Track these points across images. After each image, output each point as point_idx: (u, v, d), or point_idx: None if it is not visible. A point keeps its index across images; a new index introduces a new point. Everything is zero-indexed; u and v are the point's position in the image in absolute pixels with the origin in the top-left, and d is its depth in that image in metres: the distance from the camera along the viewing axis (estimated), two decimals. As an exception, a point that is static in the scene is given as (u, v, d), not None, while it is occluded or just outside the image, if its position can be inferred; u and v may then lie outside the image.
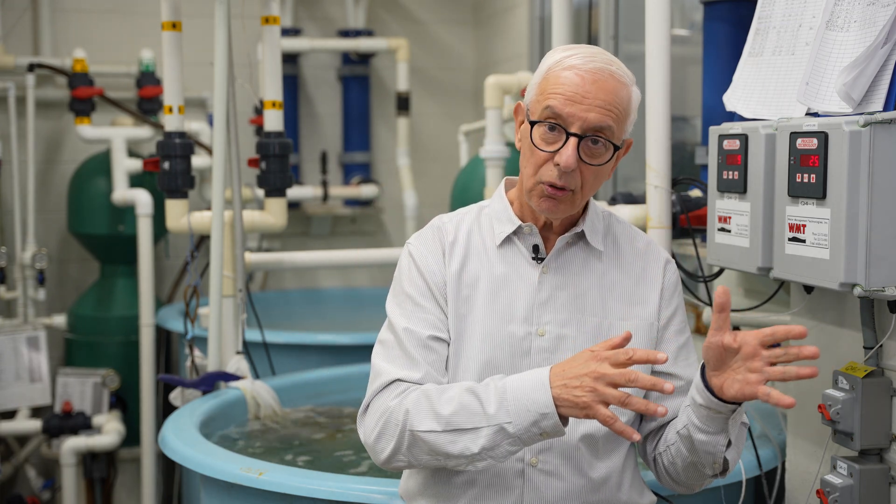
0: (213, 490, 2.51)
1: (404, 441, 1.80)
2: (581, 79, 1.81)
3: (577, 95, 1.80)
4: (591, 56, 1.84)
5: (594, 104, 1.80)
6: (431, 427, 1.77)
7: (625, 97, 1.84)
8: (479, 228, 1.98)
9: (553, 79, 1.83)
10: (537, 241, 1.93)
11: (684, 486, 1.97)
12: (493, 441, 1.74)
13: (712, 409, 1.76)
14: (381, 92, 5.71)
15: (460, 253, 1.94)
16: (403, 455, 1.82)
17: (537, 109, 1.85)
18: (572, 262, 1.94)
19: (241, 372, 3.18)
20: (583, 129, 1.81)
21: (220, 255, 3.16)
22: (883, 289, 1.86)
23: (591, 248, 1.95)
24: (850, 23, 2.02)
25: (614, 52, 4.21)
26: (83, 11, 5.18)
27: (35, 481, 4.75)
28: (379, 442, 1.84)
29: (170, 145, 3.23)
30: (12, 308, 4.76)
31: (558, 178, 1.82)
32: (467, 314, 1.91)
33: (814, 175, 1.93)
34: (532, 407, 1.71)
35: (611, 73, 1.83)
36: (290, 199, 4.47)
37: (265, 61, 3.26)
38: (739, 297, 3.11)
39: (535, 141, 1.84)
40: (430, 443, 1.78)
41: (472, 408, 1.76)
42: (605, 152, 1.84)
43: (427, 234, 1.98)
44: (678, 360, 1.97)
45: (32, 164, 4.86)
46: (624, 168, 4.23)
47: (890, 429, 1.99)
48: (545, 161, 1.84)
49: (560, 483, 1.88)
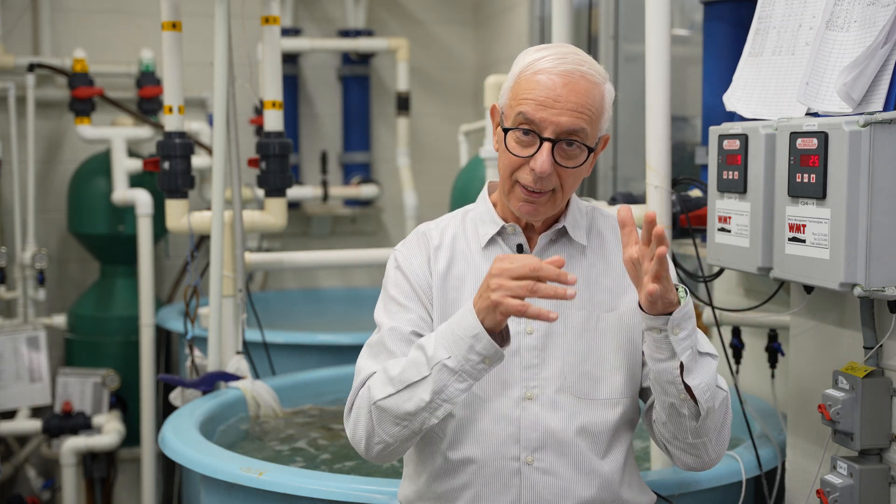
0: (213, 490, 2.51)
1: (373, 418, 1.82)
2: (552, 82, 1.81)
3: (548, 100, 1.81)
4: (562, 57, 1.84)
5: (566, 108, 1.81)
6: (387, 391, 1.79)
7: (597, 97, 1.84)
8: (463, 232, 1.99)
9: (524, 83, 1.84)
10: (521, 240, 1.94)
11: (682, 447, 1.89)
12: (439, 382, 1.74)
13: (652, 329, 1.76)
14: (381, 92, 5.71)
15: (446, 256, 1.95)
16: (378, 436, 1.82)
17: (510, 115, 1.86)
18: None
19: (241, 372, 3.18)
20: (556, 134, 1.81)
21: (220, 255, 3.17)
22: (883, 289, 1.86)
23: (574, 244, 1.96)
24: (850, 23, 2.02)
25: (614, 52, 4.21)
26: (83, 11, 5.18)
27: (35, 481, 4.75)
28: (356, 431, 1.86)
29: (170, 145, 3.23)
30: (12, 308, 4.76)
31: (534, 182, 1.83)
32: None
33: (814, 175, 1.93)
34: (462, 333, 1.72)
35: (582, 75, 1.83)
36: (290, 199, 4.46)
37: (265, 61, 3.26)
38: (739, 297, 3.11)
39: (510, 146, 1.85)
40: (390, 408, 1.78)
41: (417, 359, 1.77)
42: (580, 154, 1.85)
43: (412, 240, 2.00)
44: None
45: (32, 164, 4.86)
46: (624, 168, 4.23)
47: (890, 429, 1.99)
48: (521, 165, 1.85)
49: (557, 481, 1.87)
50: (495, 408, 1.88)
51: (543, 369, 1.88)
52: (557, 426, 1.87)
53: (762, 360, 2.85)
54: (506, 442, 1.87)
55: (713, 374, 1.81)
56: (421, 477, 1.95)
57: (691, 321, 1.76)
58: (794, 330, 2.31)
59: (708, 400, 1.79)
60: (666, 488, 2.27)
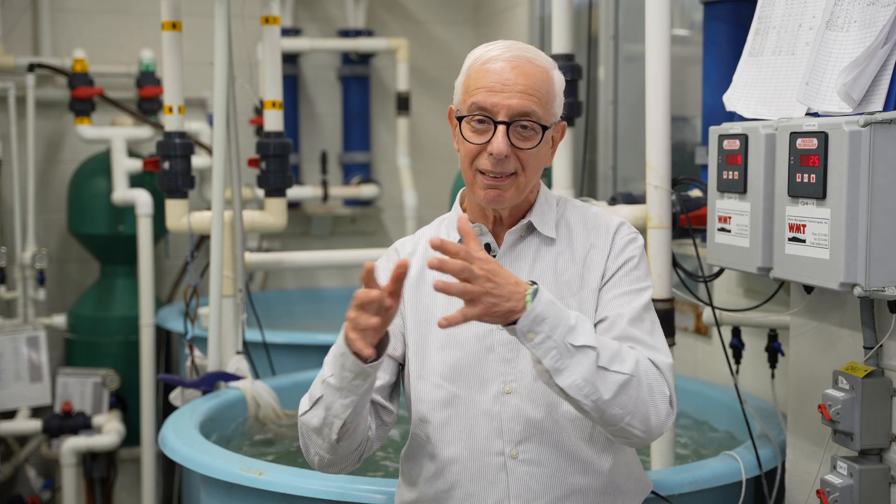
0: (213, 490, 2.51)
1: (302, 433, 1.91)
2: (500, 68, 1.87)
3: (497, 85, 1.86)
4: (508, 47, 1.90)
5: (515, 90, 1.85)
6: (304, 408, 1.88)
7: (545, 80, 1.89)
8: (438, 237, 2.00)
9: (475, 75, 1.89)
10: (488, 239, 1.96)
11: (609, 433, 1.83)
12: (328, 399, 1.81)
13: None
14: (381, 92, 5.71)
15: (418, 262, 2.00)
16: (312, 450, 1.90)
17: (464, 108, 1.91)
18: (525, 254, 1.96)
19: (241, 372, 3.18)
20: (509, 116, 1.85)
21: (220, 255, 3.16)
22: (883, 289, 1.86)
23: (543, 237, 1.97)
24: (850, 23, 2.02)
25: (614, 52, 4.22)
26: (83, 11, 5.18)
27: (35, 481, 4.75)
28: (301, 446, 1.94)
29: (170, 145, 3.23)
30: (12, 308, 4.76)
31: (493, 165, 1.86)
32: (430, 320, 1.95)
33: (814, 175, 1.93)
34: (336, 351, 1.78)
35: (528, 59, 1.88)
36: (290, 199, 4.46)
37: (265, 61, 3.26)
38: (739, 297, 3.11)
39: (466, 135, 1.89)
40: (306, 423, 1.87)
41: (317, 380, 1.86)
42: (534, 135, 1.88)
43: (384, 256, 2.08)
44: (608, 307, 1.90)
45: (32, 164, 4.86)
46: (624, 168, 4.23)
47: (890, 429, 1.99)
48: (479, 153, 1.88)
49: (545, 470, 1.88)
50: (476, 405, 1.90)
51: (519, 362, 1.90)
52: (539, 416, 1.88)
53: (762, 360, 2.85)
54: (489, 437, 1.89)
55: (589, 367, 1.72)
56: (416, 482, 1.97)
57: (546, 323, 1.69)
58: (794, 330, 2.31)
59: (588, 395, 1.72)
60: (665, 488, 2.27)
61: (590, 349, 1.73)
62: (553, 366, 1.71)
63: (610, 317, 1.89)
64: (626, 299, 1.91)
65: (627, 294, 1.92)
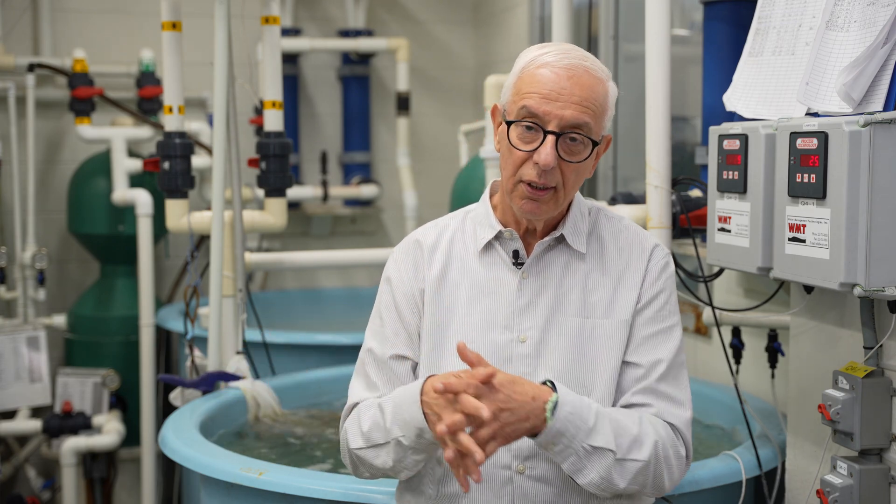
0: (213, 490, 2.51)
1: (353, 461, 1.90)
2: (556, 76, 1.80)
3: (552, 93, 1.79)
4: (566, 52, 1.83)
5: (570, 101, 1.79)
6: (359, 444, 1.86)
7: (601, 93, 1.83)
8: (462, 234, 1.98)
9: (528, 78, 1.82)
10: (518, 246, 1.92)
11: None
12: (397, 454, 1.80)
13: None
14: (381, 92, 5.71)
15: (441, 259, 1.95)
16: (361, 472, 1.91)
17: (513, 109, 1.84)
18: (553, 265, 1.92)
19: (241, 372, 3.18)
20: (560, 127, 1.79)
21: (220, 255, 3.16)
22: (883, 289, 1.86)
23: (573, 250, 1.93)
24: (850, 23, 2.02)
25: (614, 52, 4.21)
26: (83, 11, 5.18)
27: (35, 481, 4.75)
28: (344, 457, 1.94)
29: (170, 145, 3.23)
30: (12, 308, 4.76)
31: (538, 176, 1.80)
32: (448, 323, 1.91)
33: (814, 175, 1.93)
34: (412, 422, 1.75)
35: (586, 69, 1.82)
36: (290, 199, 4.46)
37: (265, 61, 3.26)
38: (739, 297, 3.11)
39: (513, 141, 1.83)
40: (363, 458, 1.86)
41: (379, 423, 1.83)
42: (583, 149, 1.82)
43: (402, 248, 2.01)
44: (642, 348, 1.90)
45: (32, 164, 4.86)
46: (624, 168, 4.23)
47: (890, 429, 1.99)
48: (524, 161, 1.82)
49: (550, 489, 1.85)
50: None
51: (536, 377, 1.86)
52: None
53: (762, 360, 2.85)
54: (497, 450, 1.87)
55: (607, 465, 1.76)
56: (421, 487, 1.93)
57: (566, 435, 1.73)
58: (794, 330, 2.31)
59: (604, 490, 1.78)
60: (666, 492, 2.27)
61: (608, 451, 1.76)
62: (571, 468, 1.76)
63: (644, 365, 1.88)
64: (660, 339, 1.90)
65: (662, 333, 1.90)
